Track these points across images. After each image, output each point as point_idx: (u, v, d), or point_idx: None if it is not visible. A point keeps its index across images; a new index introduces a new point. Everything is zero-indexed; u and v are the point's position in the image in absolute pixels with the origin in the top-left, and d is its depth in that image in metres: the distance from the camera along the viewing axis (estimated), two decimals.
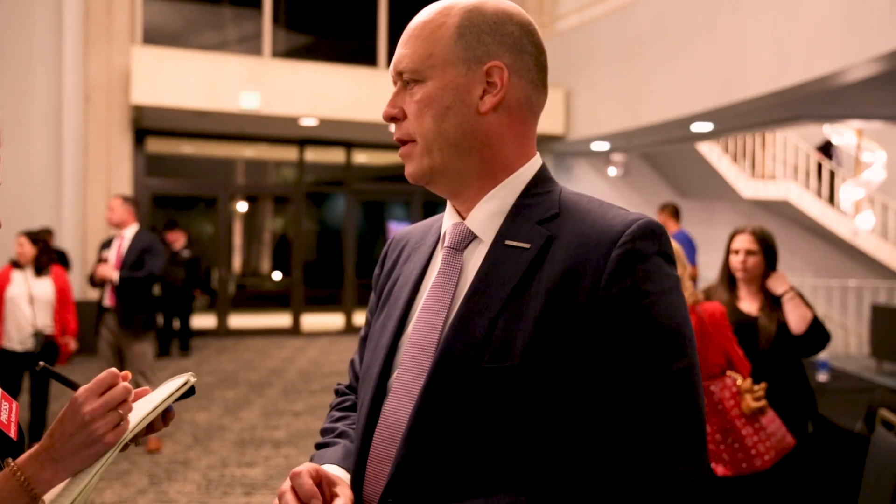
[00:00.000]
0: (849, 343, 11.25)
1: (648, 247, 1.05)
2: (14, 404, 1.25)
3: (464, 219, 1.18)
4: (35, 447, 1.09)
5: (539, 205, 1.14)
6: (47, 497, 1.06)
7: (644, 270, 1.04)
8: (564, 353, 1.02)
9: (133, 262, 5.78)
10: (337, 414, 1.36)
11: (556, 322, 1.03)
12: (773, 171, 13.31)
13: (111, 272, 5.68)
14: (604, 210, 1.11)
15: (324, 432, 1.32)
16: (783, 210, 13.25)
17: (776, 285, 3.34)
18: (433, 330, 1.11)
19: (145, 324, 5.90)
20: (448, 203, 1.22)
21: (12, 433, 1.21)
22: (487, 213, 1.15)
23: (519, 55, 1.14)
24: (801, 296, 3.37)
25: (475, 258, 1.14)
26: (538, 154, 1.20)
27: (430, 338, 1.11)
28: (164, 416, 1.24)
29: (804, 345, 3.37)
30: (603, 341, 1.02)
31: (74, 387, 1.14)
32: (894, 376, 9.58)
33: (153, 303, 6.10)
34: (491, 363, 1.03)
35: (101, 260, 5.88)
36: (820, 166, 13.28)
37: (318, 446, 1.28)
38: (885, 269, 12.77)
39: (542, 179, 1.18)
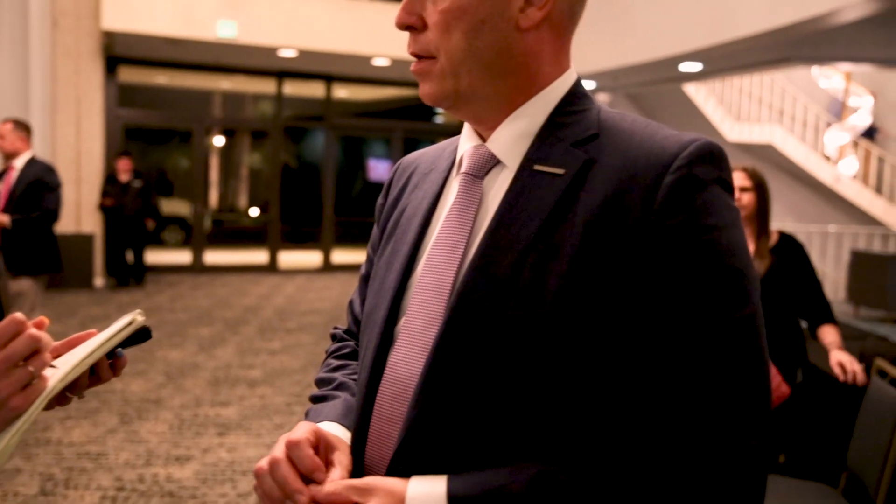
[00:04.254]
0: (825, 289, 11.29)
1: (708, 172, 0.88)
2: None
3: (485, 140, 0.99)
4: None
5: (575, 124, 0.95)
6: None
7: (703, 201, 0.86)
8: (605, 298, 0.85)
9: (21, 195, 5.12)
10: (334, 362, 1.20)
11: (596, 261, 0.85)
12: (758, 114, 13.19)
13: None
14: (652, 130, 0.93)
15: (320, 383, 1.16)
16: (766, 154, 13.16)
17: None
18: (448, 269, 0.94)
19: (34, 266, 5.14)
20: (466, 124, 1.04)
21: None
22: (513, 134, 0.96)
23: None
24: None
25: (498, 186, 0.96)
26: (573, 67, 1.02)
27: (445, 279, 0.94)
28: (114, 365, 1.05)
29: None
30: (653, 284, 0.85)
31: None
32: (871, 321, 9.63)
33: (48, 243, 5.27)
34: (518, 309, 0.86)
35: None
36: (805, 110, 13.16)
37: (314, 399, 1.12)
38: (864, 215, 12.79)
39: (577, 95, 0.99)
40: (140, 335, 1.04)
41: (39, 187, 5.14)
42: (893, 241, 11.98)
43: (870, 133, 13.14)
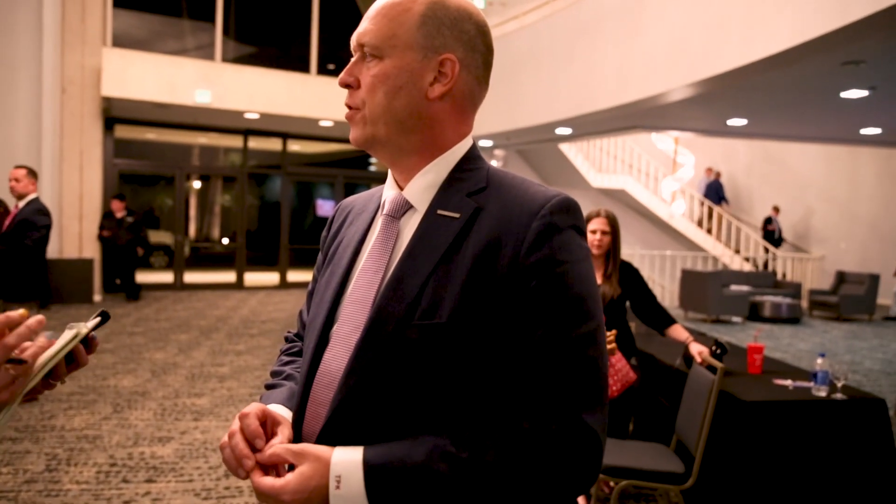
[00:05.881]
0: (664, 297, 11.68)
1: (564, 220, 0.92)
2: None
3: (402, 189, 1.02)
4: None
5: (469, 179, 0.99)
6: None
7: (560, 241, 0.90)
8: (487, 313, 0.88)
9: (11, 231, 4.66)
10: (285, 358, 1.20)
11: (481, 285, 0.89)
12: (614, 167, 13.61)
13: None
14: (526, 186, 0.97)
15: (273, 374, 1.16)
16: (620, 197, 13.58)
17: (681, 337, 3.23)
18: (371, 288, 0.96)
19: (15, 294, 4.61)
20: (389, 174, 1.06)
21: None
22: (423, 185, 0.99)
23: (471, 52, 0.99)
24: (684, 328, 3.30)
25: (410, 225, 0.98)
26: (471, 136, 1.06)
27: (368, 295, 0.95)
28: (89, 345, 0.99)
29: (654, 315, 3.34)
30: (521, 303, 0.88)
31: None
32: (696, 321, 10.02)
33: (34, 275, 4.68)
34: (420, 320, 0.89)
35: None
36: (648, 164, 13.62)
37: (268, 386, 1.12)
38: (691, 242, 13.31)
39: (472, 157, 1.02)
40: (103, 319, 1.02)
41: (25, 226, 4.66)
42: (711, 262, 12.52)
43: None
